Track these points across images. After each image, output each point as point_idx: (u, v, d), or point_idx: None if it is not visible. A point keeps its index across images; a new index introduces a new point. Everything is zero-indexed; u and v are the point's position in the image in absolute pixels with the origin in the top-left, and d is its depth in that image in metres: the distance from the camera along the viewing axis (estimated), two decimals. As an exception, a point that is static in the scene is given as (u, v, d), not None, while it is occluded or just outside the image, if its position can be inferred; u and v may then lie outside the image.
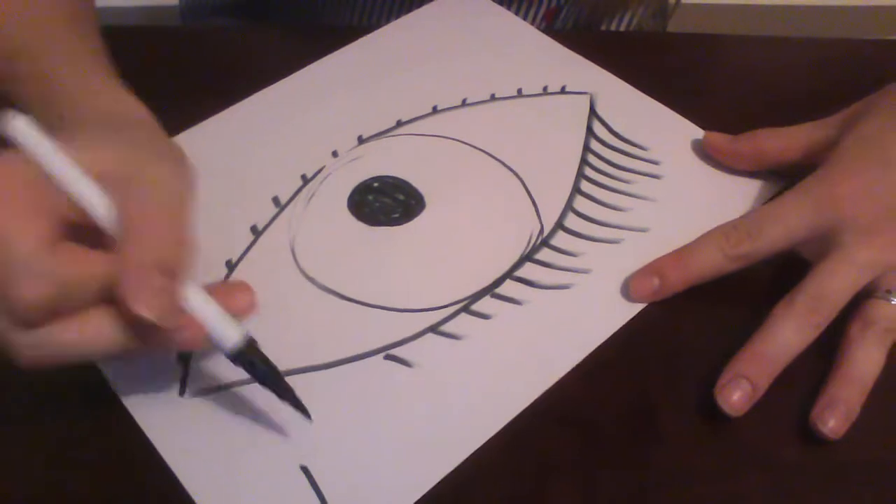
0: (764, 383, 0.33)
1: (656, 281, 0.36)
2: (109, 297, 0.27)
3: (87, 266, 0.26)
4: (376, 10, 0.56)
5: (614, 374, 0.35)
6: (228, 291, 0.30)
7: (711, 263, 0.36)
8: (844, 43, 0.52)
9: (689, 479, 0.32)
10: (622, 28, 0.63)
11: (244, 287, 0.31)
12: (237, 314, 0.30)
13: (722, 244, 0.36)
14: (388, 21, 0.51)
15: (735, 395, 0.33)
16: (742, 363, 0.33)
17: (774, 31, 0.53)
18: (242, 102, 0.45)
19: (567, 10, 0.58)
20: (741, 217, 0.37)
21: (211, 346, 0.29)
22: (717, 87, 0.48)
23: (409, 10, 0.52)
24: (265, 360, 0.30)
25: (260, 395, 0.33)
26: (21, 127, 0.28)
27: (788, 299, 0.34)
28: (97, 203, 0.27)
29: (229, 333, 0.29)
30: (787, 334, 0.33)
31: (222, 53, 0.50)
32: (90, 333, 0.26)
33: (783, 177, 0.42)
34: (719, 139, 0.42)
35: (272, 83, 0.47)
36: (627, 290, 0.37)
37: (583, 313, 0.36)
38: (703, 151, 0.43)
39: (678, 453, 0.33)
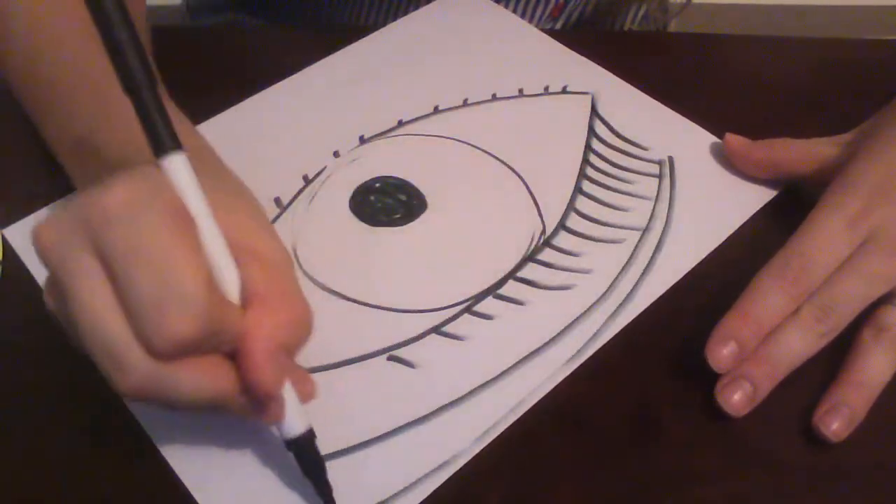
0: (766, 386, 0.33)
1: (734, 346, 0.33)
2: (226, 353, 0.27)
3: (232, 315, 0.26)
4: (374, 9, 0.56)
5: (616, 374, 0.35)
6: (299, 379, 0.30)
7: (778, 307, 0.34)
8: (844, 43, 0.52)
9: (690, 479, 0.32)
10: (627, 21, 0.63)
11: (309, 378, 0.30)
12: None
13: (783, 285, 0.34)
14: (388, 21, 0.51)
15: (735, 396, 0.33)
16: (745, 365, 0.33)
17: (774, 31, 0.53)
18: (243, 103, 0.45)
19: (573, 3, 0.58)
20: (788, 252, 0.35)
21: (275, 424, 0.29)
22: (717, 86, 0.48)
23: (410, 10, 0.52)
24: (317, 455, 0.30)
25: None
26: (181, 168, 0.26)
27: (798, 305, 0.34)
28: (228, 268, 0.27)
29: (298, 421, 0.29)
30: (791, 341, 0.33)
31: (222, 54, 0.50)
32: (205, 381, 0.26)
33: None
34: (737, 142, 0.42)
35: (273, 83, 0.47)
36: (707, 359, 0.34)
37: (585, 314, 0.36)
38: (704, 151, 0.43)
39: (679, 454, 0.33)
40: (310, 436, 0.30)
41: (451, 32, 0.50)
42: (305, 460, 0.30)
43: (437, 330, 0.36)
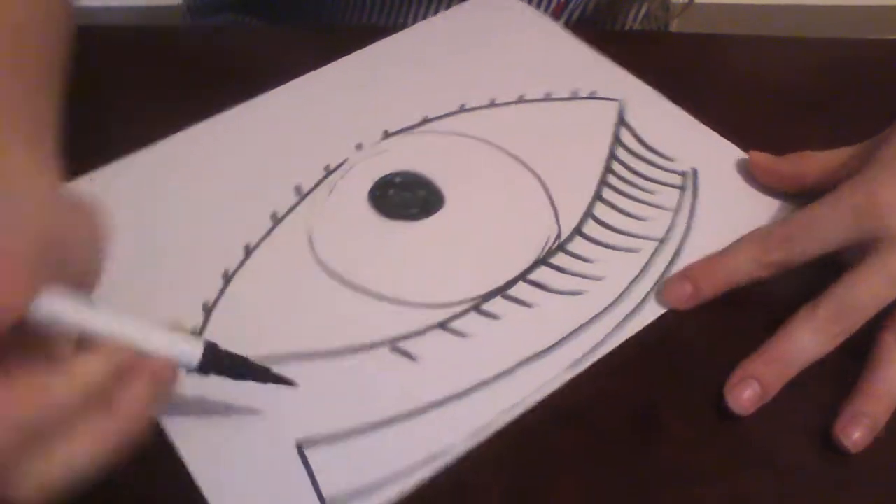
0: (775, 386, 0.33)
1: (689, 287, 0.36)
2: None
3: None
4: (375, 10, 0.55)
5: (617, 373, 0.35)
6: None
7: (743, 270, 0.35)
8: (844, 43, 0.52)
9: (691, 479, 0.32)
10: (629, 20, 0.63)
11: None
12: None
13: (755, 251, 0.35)
14: (388, 22, 0.51)
15: (744, 395, 0.33)
16: (755, 364, 0.34)
17: (775, 31, 0.52)
18: (272, 92, 0.45)
19: (574, 2, 0.58)
20: (776, 223, 0.36)
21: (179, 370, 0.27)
22: (718, 86, 0.48)
23: (411, 10, 0.51)
24: (231, 357, 0.28)
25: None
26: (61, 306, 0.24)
27: (813, 304, 0.34)
28: None
29: (190, 350, 0.27)
30: (804, 341, 0.33)
31: (222, 54, 0.49)
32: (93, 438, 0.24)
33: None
34: (763, 159, 0.41)
35: (273, 84, 0.45)
36: (661, 295, 0.36)
37: (591, 321, 0.36)
38: (730, 165, 0.43)
39: (680, 453, 0.33)
40: (213, 350, 0.27)
41: (482, 32, 0.50)
42: (231, 371, 0.28)
43: (442, 325, 0.36)
